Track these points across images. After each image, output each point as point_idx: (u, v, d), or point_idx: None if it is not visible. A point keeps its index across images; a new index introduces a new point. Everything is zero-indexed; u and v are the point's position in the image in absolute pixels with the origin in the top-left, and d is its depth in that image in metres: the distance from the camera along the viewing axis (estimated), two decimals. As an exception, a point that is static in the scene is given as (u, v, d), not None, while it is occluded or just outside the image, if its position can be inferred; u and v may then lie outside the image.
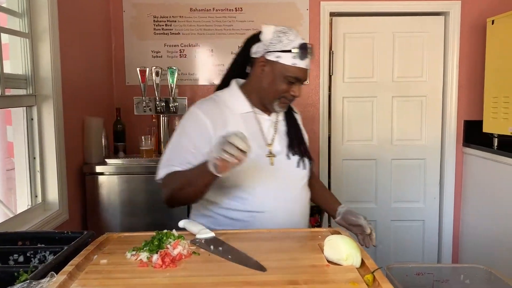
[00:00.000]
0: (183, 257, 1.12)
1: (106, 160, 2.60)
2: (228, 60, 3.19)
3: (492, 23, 2.97)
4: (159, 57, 3.22)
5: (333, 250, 1.10)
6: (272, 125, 1.59)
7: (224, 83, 1.65)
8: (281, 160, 1.55)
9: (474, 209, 3.20)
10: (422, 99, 3.37)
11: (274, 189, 1.50)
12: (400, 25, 3.32)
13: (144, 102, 2.79)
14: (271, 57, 1.46)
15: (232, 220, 1.51)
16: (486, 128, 3.03)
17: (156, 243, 1.14)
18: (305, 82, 1.56)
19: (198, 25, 3.21)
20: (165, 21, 3.20)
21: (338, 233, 1.31)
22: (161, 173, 1.50)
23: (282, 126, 1.63)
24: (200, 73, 3.25)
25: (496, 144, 2.99)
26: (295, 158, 1.58)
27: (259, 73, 1.51)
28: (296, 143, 1.61)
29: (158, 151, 2.88)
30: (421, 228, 3.42)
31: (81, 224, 2.56)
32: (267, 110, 1.58)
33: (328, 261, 1.10)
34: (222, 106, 1.54)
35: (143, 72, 2.74)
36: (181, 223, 1.39)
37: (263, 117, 1.58)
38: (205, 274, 1.03)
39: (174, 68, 2.79)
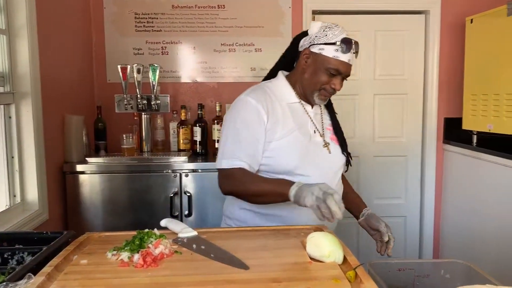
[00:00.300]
0: (165, 256, 1.11)
1: (87, 158, 2.56)
2: (210, 58, 3.20)
3: (471, 22, 3.02)
4: (140, 54, 3.19)
5: (315, 247, 1.10)
6: (317, 117, 1.65)
7: (271, 75, 1.70)
8: (335, 148, 1.64)
9: (454, 204, 3.25)
10: (403, 96, 3.41)
11: (317, 177, 1.53)
12: (382, 24, 3.35)
13: (125, 100, 2.75)
14: (315, 49, 1.52)
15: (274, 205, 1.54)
16: (465, 125, 3.09)
17: (137, 242, 1.13)
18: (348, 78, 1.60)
19: (180, 22, 3.19)
20: (146, 18, 3.17)
21: (321, 230, 1.32)
22: (224, 163, 1.52)
23: (326, 119, 1.70)
24: (183, 70, 3.23)
25: (475, 141, 3.05)
26: (340, 150, 1.66)
27: (302, 64, 1.57)
28: (340, 136, 1.68)
29: (140, 149, 2.85)
30: (402, 224, 3.47)
31: (62, 224, 2.52)
32: (310, 102, 1.63)
33: (311, 258, 1.10)
34: (271, 95, 1.58)
35: (124, 70, 2.71)
36: (163, 222, 1.38)
37: (308, 108, 1.63)
38: (187, 273, 1.02)
39: (156, 65, 2.76)
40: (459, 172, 3.17)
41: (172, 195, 2.52)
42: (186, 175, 2.52)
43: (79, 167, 2.50)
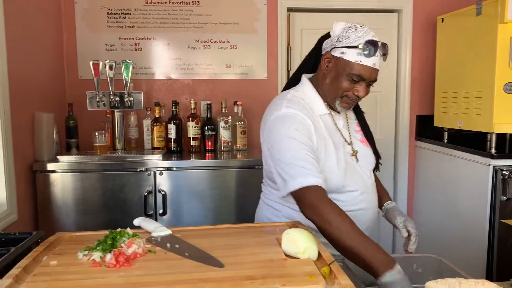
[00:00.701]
0: (138, 256, 1.09)
1: (58, 157, 2.50)
2: (185, 54, 3.17)
3: (442, 21, 3.08)
4: (113, 50, 3.13)
5: (290, 244, 1.10)
6: (345, 125, 1.57)
7: (294, 79, 1.60)
8: (362, 159, 1.55)
9: (426, 200, 3.32)
10: (376, 94, 3.45)
11: (360, 189, 1.49)
12: (356, 22, 3.37)
13: (97, 97, 2.70)
14: (336, 53, 1.42)
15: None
16: (437, 123, 3.15)
17: (110, 242, 1.11)
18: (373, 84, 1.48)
19: (154, 18, 3.14)
20: (119, 14, 3.11)
21: (296, 226, 1.32)
22: (299, 183, 1.32)
23: (353, 123, 1.61)
24: (157, 67, 3.19)
25: (446, 138, 3.12)
26: (370, 152, 1.59)
27: (323, 69, 1.47)
28: (370, 137, 1.61)
29: (112, 147, 2.80)
30: (376, 219, 3.51)
31: (32, 225, 2.45)
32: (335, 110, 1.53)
33: (286, 255, 1.10)
34: (307, 108, 1.47)
35: (96, 66, 2.65)
36: (136, 221, 1.35)
37: (336, 117, 1.54)
38: (161, 272, 1.00)
39: (129, 61, 2.72)
40: (431, 168, 3.23)
41: (146, 193, 2.49)
42: (161, 173, 2.49)
43: (50, 166, 2.44)
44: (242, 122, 2.90)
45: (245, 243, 1.21)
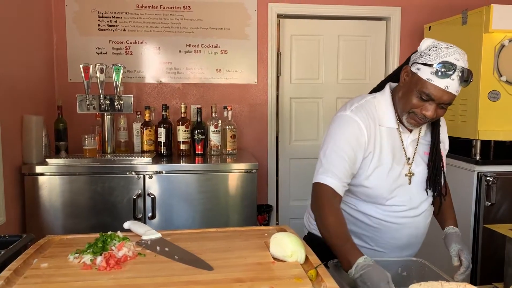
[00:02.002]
0: (128, 258, 1.11)
1: (46, 160, 2.50)
2: (175, 59, 3.19)
3: (429, 29, 3.14)
4: (103, 53, 3.13)
5: (278, 247, 1.13)
6: (412, 144, 1.54)
7: (381, 86, 1.61)
8: (418, 180, 1.53)
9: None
10: (365, 100, 3.49)
11: (406, 205, 1.51)
12: (345, 29, 3.43)
13: (87, 100, 2.70)
14: (414, 68, 1.41)
15: (359, 221, 1.55)
16: (423, 129, 3.20)
17: (100, 245, 1.12)
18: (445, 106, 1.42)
19: (145, 22, 3.16)
20: (110, 17, 3.11)
21: (284, 230, 1.34)
22: (319, 178, 1.45)
23: (424, 145, 1.56)
24: (147, 71, 3.20)
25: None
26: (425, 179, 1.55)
27: (401, 81, 1.48)
28: (433, 177, 1.54)
29: (102, 151, 2.80)
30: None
31: (20, 227, 2.44)
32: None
33: (274, 258, 1.12)
34: (374, 117, 1.50)
35: (86, 69, 2.65)
36: (126, 224, 1.37)
37: (405, 134, 1.52)
38: (151, 275, 1.02)
39: (120, 65, 2.72)
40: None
41: (135, 197, 2.49)
42: (150, 177, 2.50)
43: (39, 169, 2.43)
44: (232, 127, 2.92)
45: (234, 246, 1.23)
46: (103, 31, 3.12)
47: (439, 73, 1.33)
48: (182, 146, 2.86)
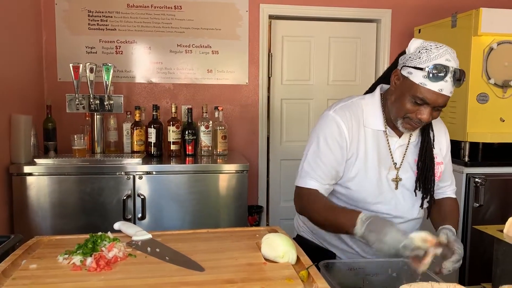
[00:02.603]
0: (119, 259, 1.10)
1: (35, 159, 2.47)
2: (166, 59, 3.17)
3: (419, 31, 3.17)
4: (93, 53, 3.11)
5: (270, 248, 1.13)
6: (400, 149, 1.50)
7: (372, 89, 1.60)
8: (405, 186, 1.51)
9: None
10: (355, 101, 3.51)
11: (391, 214, 1.49)
12: (336, 30, 3.45)
13: (77, 100, 2.67)
14: (405, 71, 1.36)
15: None
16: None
17: (90, 245, 1.11)
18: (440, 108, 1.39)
19: (135, 22, 3.14)
20: (100, 16, 3.09)
21: (276, 231, 1.34)
22: (301, 182, 1.49)
23: (412, 152, 1.51)
24: (137, 70, 3.18)
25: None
26: (418, 193, 1.53)
27: (392, 85, 1.43)
28: (423, 178, 1.50)
29: (91, 151, 2.78)
30: None
31: (8, 228, 2.41)
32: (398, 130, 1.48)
33: (265, 259, 1.12)
34: (359, 117, 1.47)
35: (76, 68, 2.63)
36: (116, 225, 1.35)
37: (393, 138, 1.49)
38: (142, 276, 1.01)
39: (110, 65, 2.71)
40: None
41: (125, 197, 2.47)
42: (140, 177, 2.49)
43: (27, 169, 2.41)
44: (222, 127, 2.92)
45: (225, 247, 1.23)
46: (93, 30, 3.10)
47: (432, 77, 1.29)
48: (172, 147, 2.85)
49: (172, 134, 2.83)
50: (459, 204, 2.60)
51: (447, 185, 1.64)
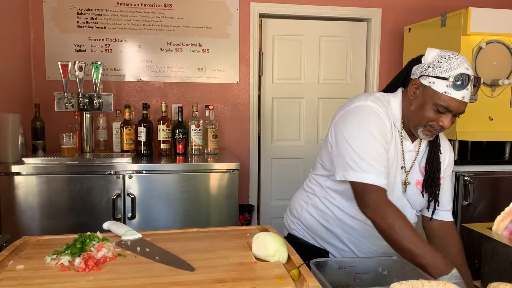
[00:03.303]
0: (108, 259, 1.09)
1: (23, 159, 2.44)
2: (156, 57, 3.15)
3: (409, 31, 3.18)
4: (82, 51, 3.08)
5: (261, 247, 1.12)
6: (411, 154, 1.52)
7: (388, 89, 1.57)
8: (412, 190, 1.53)
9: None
10: (345, 101, 3.51)
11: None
12: (326, 29, 3.45)
13: (66, 98, 2.64)
14: (425, 81, 1.38)
15: (346, 225, 1.54)
16: (403, 129, 3.24)
17: (79, 246, 1.10)
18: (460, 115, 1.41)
19: (125, 20, 3.11)
20: (89, 14, 3.06)
21: (267, 230, 1.34)
22: (363, 177, 1.36)
23: (420, 160, 1.53)
24: (127, 69, 3.16)
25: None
26: (425, 195, 1.53)
27: (410, 95, 1.43)
28: (430, 183, 1.51)
29: (80, 150, 2.75)
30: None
31: (-5, 228, 2.38)
32: (412, 135, 1.50)
33: (256, 258, 1.12)
34: (389, 113, 1.47)
35: (65, 67, 2.60)
36: (106, 225, 1.34)
37: (406, 142, 1.51)
38: (131, 276, 1.00)
39: (99, 63, 2.68)
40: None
41: (114, 197, 2.45)
42: (130, 177, 2.47)
43: (15, 168, 2.37)
44: (213, 126, 2.91)
45: (215, 246, 1.22)
46: (82, 28, 3.07)
47: (456, 86, 1.32)
48: (162, 146, 2.83)
49: (162, 133, 2.81)
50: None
51: (445, 204, 1.61)
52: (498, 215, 1.39)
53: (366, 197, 1.36)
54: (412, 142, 1.52)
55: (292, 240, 1.66)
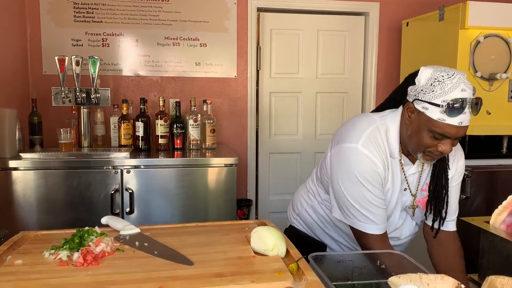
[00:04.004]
0: (106, 254, 1.09)
1: (20, 154, 2.43)
2: (153, 51, 3.14)
3: (407, 25, 3.18)
4: (79, 45, 3.07)
5: (259, 241, 1.12)
6: (416, 175, 1.47)
7: (385, 107, 1.51)
8: (419, 211, 1.51)
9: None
10: (343, 95, 3.52)
11: (397, 235, 1.53)
12: (324, 23, 3.44)
13: (63, 93, 2.63)
14: (419, 106, 1.29)
15: (339, 229, 1.57)
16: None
17: (77, 240, 1.09)
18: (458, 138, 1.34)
19: (122, 14, 3.10)
20: (86, 8, 3.04)
21: (265, 224, 1.34)
22: (365, 228, 1.40)
23: (425, 178, 1.49)
24: (124, 63, 3.14)
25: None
26: (430, 216, 1.51)
27: (406, 118, 1.36)
28: (436, 199, 1.47)
29: (78, 145, 2.74)
30: None
31: (-8, 223, 2.37)
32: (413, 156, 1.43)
33: (255, 252, 1.12)
34: (385, 147, 1.40)
35: (62, 61, 2.59)
36: (104, 220, 1.34)
37: (407, 166, 1.45)
38: (130, 270, 1.00)
39: (96, 57, 2.66)
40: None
41: (112, 192, 2.45)
42: (128, 171, 2.46)
43: (12, 163, 2.37)
44: (211, 121, 2.90)
45: (214, 241, 1.22)
46: (79, 23, 3.05)
47: (450, 112, 1.23)
48: (160, 140, 2.82)
49: (160, 127, 2.81)
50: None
51: (450, 213, 1.56)
52: (495, 209, 1.39)
53: (363, 241, 1.42)
54: (414, 163, 1.46)
55: (292, 232, 1.67)
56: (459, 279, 1.21)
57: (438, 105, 1.24)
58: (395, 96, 1.48)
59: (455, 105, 1.23)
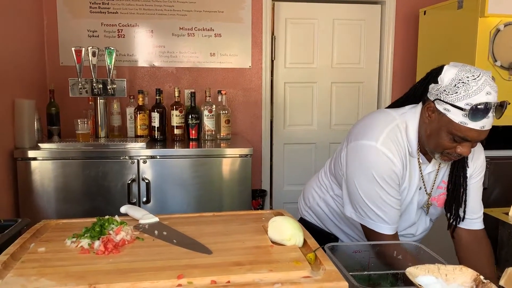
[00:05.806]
0: (127, 242, 1.10)
1: (39, 144, 2.47)
2: (168, 42, 3.14)
3: (424, 13, 3.13)
4: (95, 36, 3.09)
5: (276, 231, 1.13)
6: (432, 174, 1.45)
7: (405, 102, 1.47)
8: (432, 208, 1.51)
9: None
10: (359, 85, 3.49)
11: (413, 231, 1.52)
12: (340, 13, 3.40)
13: (80, 84, 2.66)
14: (440, 107, 1.25)
15: (352, 224, 1.56)
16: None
17: (98, 229, 1.11)
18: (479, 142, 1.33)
19: (137, 5, 3.10)
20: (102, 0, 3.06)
21: (281, 214, 1.35)
22: (376, 227, 1.40)
23: (441, 176, 1.47)
24: (140, 54, 3.16)
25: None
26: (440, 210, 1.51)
27: (425, 117, 1.33)
28: (453, 196, 1.45)
29: (95, 135, 2.78)
30: None
31: (13, 212, 2.42)
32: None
33: (272, 242, 1.13)
34: (404, 145, 1.37)
35: (78, 52, 2.61)
36: (123, 209, 1.36)
37: (424, 165, 1.43)
38: (150, 258, 1.02)
39: (112, 48, 2.68)
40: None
41: (129, 181, 2.48)
42: (144, 162, 2.49)
43: (31, 153, 2.41)
44: (226, 111, 2.91)
45: (231, 230, 1.23)
46: (95, 14, 3.07)
47: (474, 116, 1.19)
48: (176, 131, 2.84)
49: (176, 118, 2.82)
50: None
51: (473, 212, 1.50)
52: (515, 199, 1.37)
53: (374, 240, 1.41)
54: (430, 162, 1.43)
55: (304, 224, 1.67)
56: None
57: (461, 108, 1.20)
58: (415, 91, 1.43)
59: (479, 110, 1.18)
